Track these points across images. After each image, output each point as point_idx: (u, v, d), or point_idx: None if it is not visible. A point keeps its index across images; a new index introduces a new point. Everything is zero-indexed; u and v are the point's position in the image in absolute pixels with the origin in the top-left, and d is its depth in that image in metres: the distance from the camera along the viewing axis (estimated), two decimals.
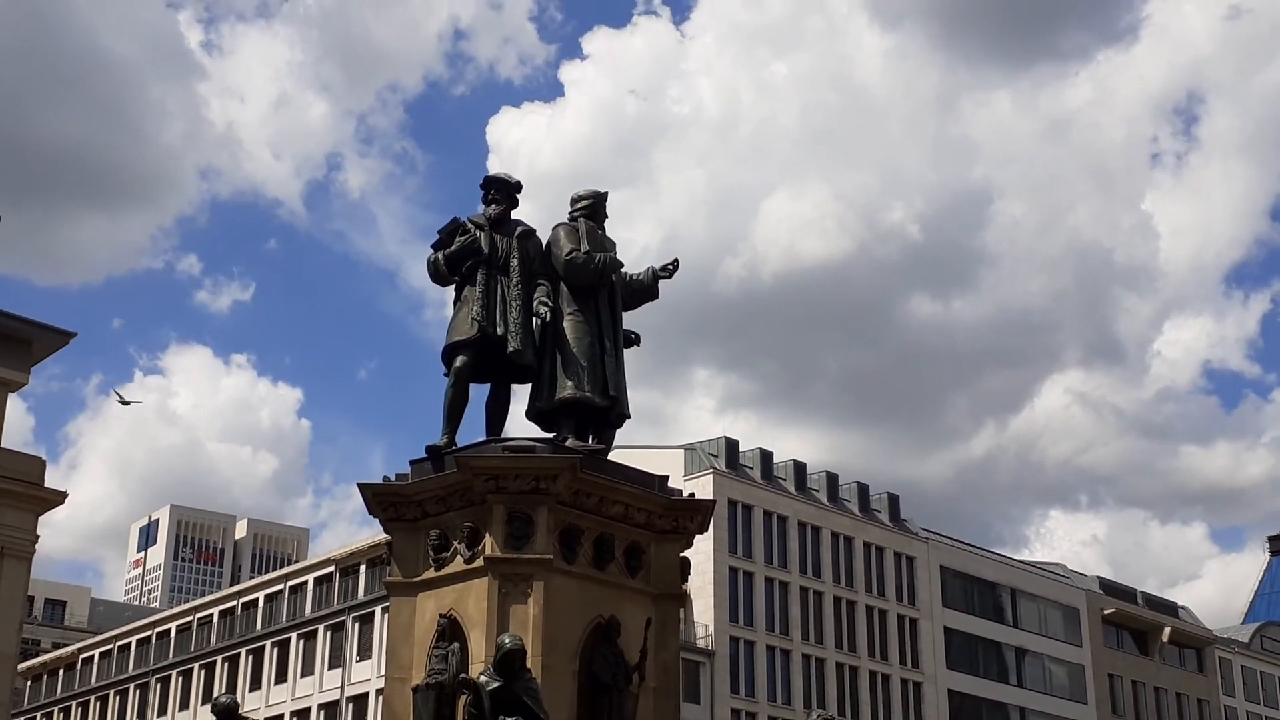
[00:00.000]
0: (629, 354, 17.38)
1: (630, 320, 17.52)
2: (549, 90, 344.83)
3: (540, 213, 17.50)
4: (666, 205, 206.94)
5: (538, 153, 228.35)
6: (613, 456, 17.03)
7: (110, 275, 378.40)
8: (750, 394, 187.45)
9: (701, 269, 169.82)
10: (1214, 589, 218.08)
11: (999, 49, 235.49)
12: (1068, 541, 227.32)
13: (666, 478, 17.14)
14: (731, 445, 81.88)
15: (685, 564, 16.68)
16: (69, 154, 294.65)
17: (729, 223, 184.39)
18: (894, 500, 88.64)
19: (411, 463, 16.32)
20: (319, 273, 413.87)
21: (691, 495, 17.21)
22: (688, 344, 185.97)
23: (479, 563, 15.25)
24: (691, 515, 16.57)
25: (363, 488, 16.24)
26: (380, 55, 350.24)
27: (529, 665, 13.94)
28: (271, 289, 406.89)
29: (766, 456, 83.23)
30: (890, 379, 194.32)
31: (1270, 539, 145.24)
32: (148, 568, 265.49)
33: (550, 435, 16.37)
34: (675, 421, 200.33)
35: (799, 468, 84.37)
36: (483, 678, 13.55)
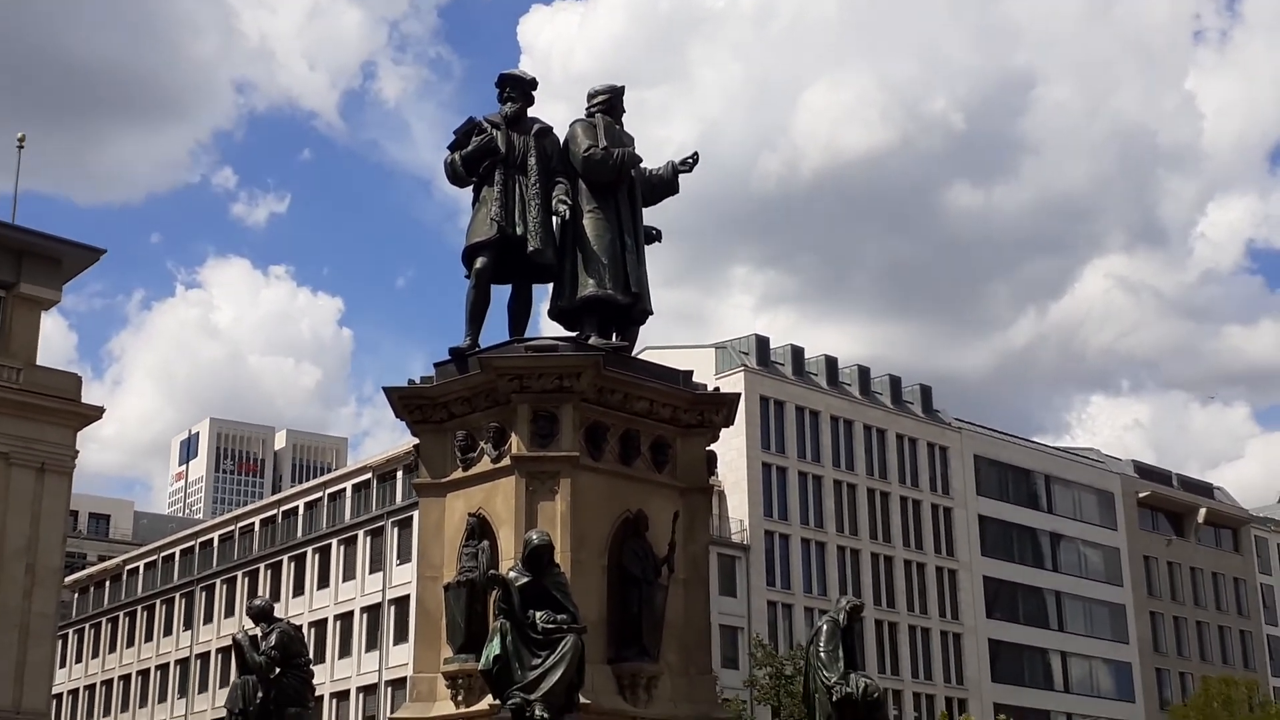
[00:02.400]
0: (653, 250, 17.29)
1: (654, 216, 17.40)
2: None
3: (575, 114, 17.25)
4: (702, 101, 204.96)
5: (570, 53, 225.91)
6: (645, 357, 17.02)
7: (151, 192, 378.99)
8: (789, 290, 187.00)
9: (740, 165, 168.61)
10: (1257, 469, 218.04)
11: None
12: (1109, 427, 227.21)
13: (691, 372, 17.15)
14: (762, 342, 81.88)
15: (712, 457, 16.74)
16: (103, 72, 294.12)
17: (767, 117, 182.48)
18: (926, 391, 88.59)
19: (436, 365, 16.38)
20: (354, 183, 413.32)
21: (716, 389, 17.22)
22: (726, 242, 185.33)
23: (506, 462, 15.36)
24: (717, 409, 16.59)
25: (388, 391, 16.33)
26: None
27: (558, 560, 14.07)
28: (307, 200, 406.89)
29: (798, 352, 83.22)
30: (931, 270, 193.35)
31: None
32: (190, 481, 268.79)
33: (573, 334, 16.36)
34: (714, 320, 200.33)
35: (830, 362, 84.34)
36: (512, 573, 13.68)
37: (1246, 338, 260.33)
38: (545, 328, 17.43)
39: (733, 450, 73.32)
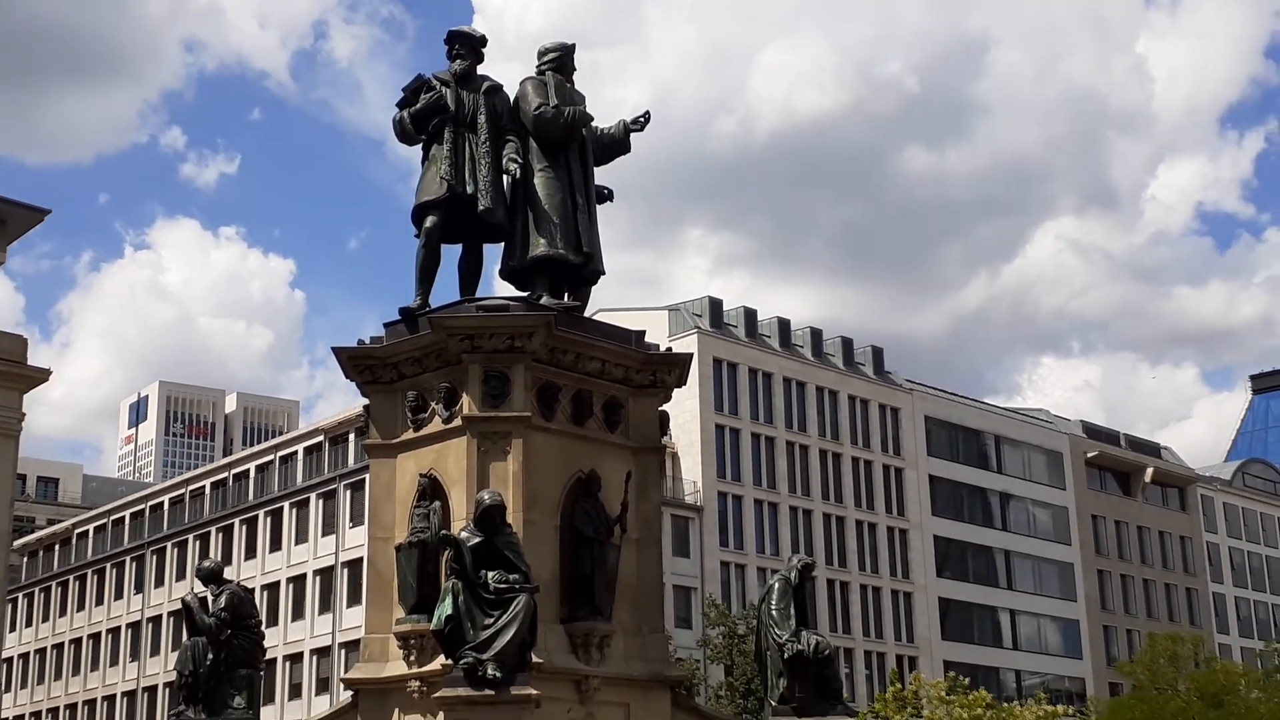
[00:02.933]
0: (608, 212, 17.24)
1: (607, 176, 17.33)
2: None
3: (529, 74, 17.08)
4: (658, 63, 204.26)
5: (524, 13, 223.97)
6: (598, 318, 16.99)
7: (100, 153, 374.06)
8: (744, 252, 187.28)
9: (695, 128, 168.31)
10: (1205, 429, 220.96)
11: None
12: (1060, 388, 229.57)
13: (644, 333, 17.12)
14: (715, 304, 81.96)
15: (664, 418, 16.76)
16: (51, 32, 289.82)
17: (722, 79, 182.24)
18: (878, 353, 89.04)
19: (386, 325, 16.28)
20: (305, 143, 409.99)
21: (669, 350, 17.20)
22: (681, 204, 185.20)
23: (457, 422, 15.32)
24: (669, 369, 16.59)
25: (337, 351, 16.22)
26: None
27: (510, 520, 14.06)
28: (258, 161, 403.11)
29: (750, 314, 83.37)
30: (884, 233, 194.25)
31: (1253, 377, 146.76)
32: (139, 444, 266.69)
33: (525, 294, 16.29)
34: (669, 282, 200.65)
35: (783, 324, 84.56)
36: (464, 534, 13.67)
37: (1196, 299, 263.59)
38: (496, 288, 17.38)
39: (686, 412, 73.45)
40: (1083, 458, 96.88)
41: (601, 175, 17.20)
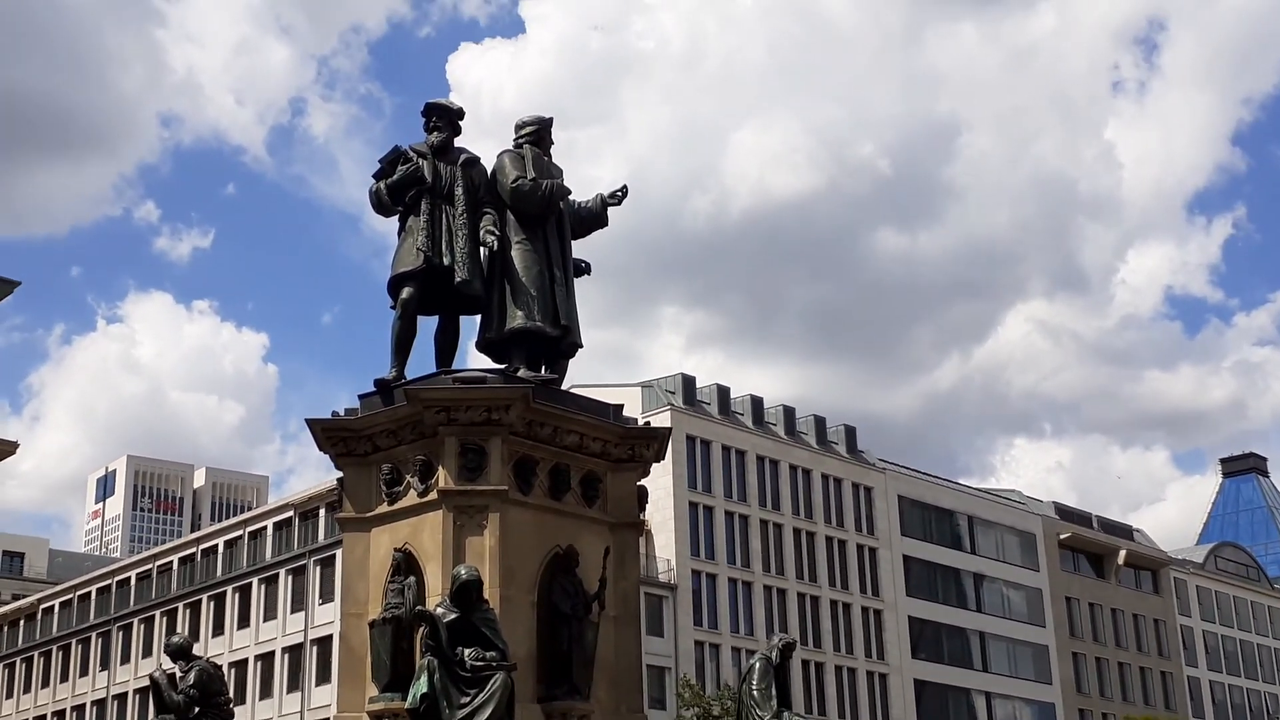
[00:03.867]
0: (584, 289, 17.12)
1: (584, 250, 17.26)
2: (511, 27, 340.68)
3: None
4: (633, 142, 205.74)
5: (500, 91, 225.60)
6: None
7: (75, 225, 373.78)
8: (717, 330, 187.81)
9: (669, 206, 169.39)
10: (1176, 511, 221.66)
11: None
12: (1033, 469, 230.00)
13: (621, 406, 16.96)
14: (689, 381, 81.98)
15: (643, 492, 16.55)
16: (27, 104, 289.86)
17: (697, 158, 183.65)
18: (851, 432, 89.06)
19: (360, 397, 16.08)
20: (280, 218, 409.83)
21: (646, 423, 17.05)
22: (655, 282, 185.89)
23: (432, 495, 15.09)
24: (648, 443, 16.43)
25: (311, 424, 16.00)
26: None
27: (486, 596, 13.81)
28: (232, 235, 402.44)
29: (724, 392, 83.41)
30: (856, 313, 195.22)
31: (1223, 461, 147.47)
32: (107, 518, 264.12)
33: (501, 366, 16.14)
34: (644, 359, 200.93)
35: (756, 402, 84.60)
36: (439, 610, 13.41)
37: (1166, 382, 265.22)
38: (473, 360, 17.21)
39: (659, 489, 73.17)
40: (1055, 539, 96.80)
41: (579, 248, 17.14)
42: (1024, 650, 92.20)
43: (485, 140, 16.88)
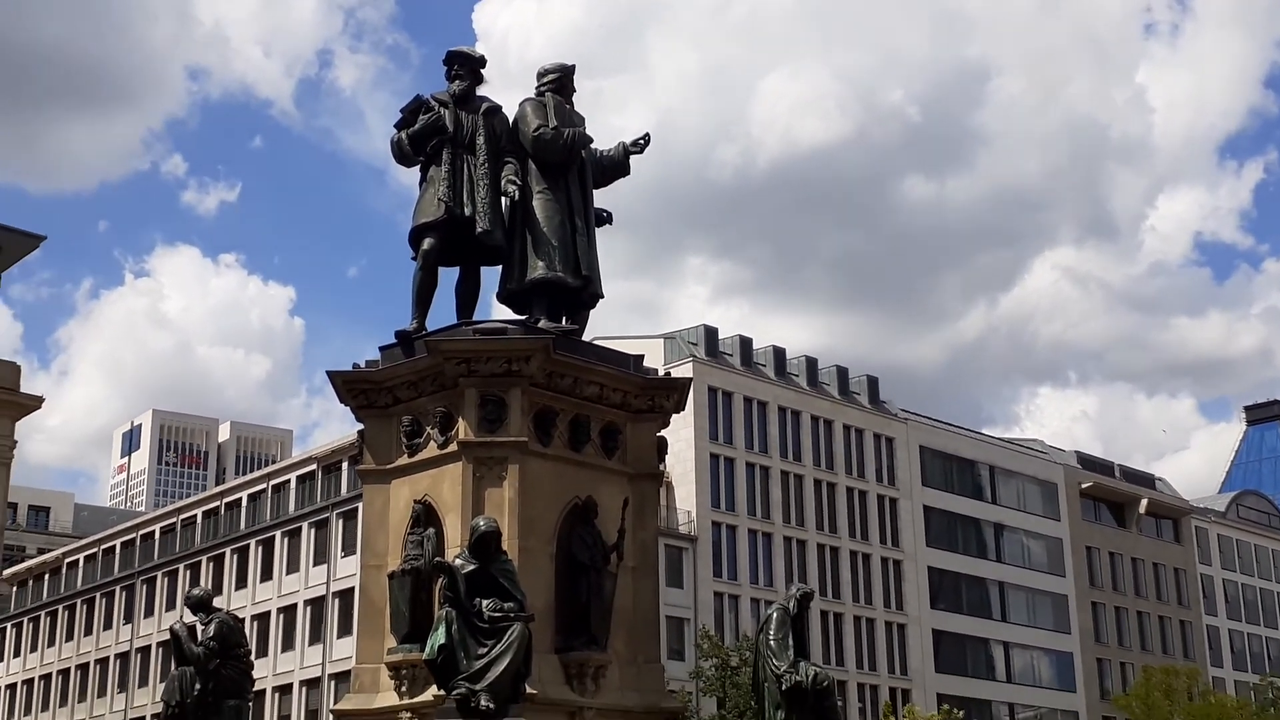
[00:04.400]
0: (609, 240, 17.13)
1: (608, 199, 17.12)
2: None
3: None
4: (660, 90, 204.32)
5: (527, 41, 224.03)
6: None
7: (104, 180, 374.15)
8: (743, 281, 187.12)
9: (696, 155, 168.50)
10: (1201, 460, 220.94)
11: None
12: (1057, 418, 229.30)
13: (642, 357, 16.91)
14: (711, 333, 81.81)
15: (662, 443, 16.51)
16: (57, 59, 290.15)
17: (724, 107, 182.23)
18: (873, 383, 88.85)
19: (381, 349, 16.05)
20: (307, 171, 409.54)
21: (667, 374, 16.98)
22: (681, 232, 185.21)
23: (453, 447, 15.07)
24: (668, 394, 16.36)
25: (332, 375, 15.98)
26: None
27: (505, 548, 13.80)
28: (258, 189, 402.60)
29: (746, 343, 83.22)
30: (882, 262, 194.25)
31: (1247, 409, 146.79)
32: (132, 473, 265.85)
33: (522, 317, 16.07)
34: (670, 310, 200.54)
35: (778, 353, 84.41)
36: (458, 561, 13.40)
37: (1194, 329, 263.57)
38: (494, 311, 17.14)
39: (680, 441, 73.19)
40: (1077, 489, 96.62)
41: (601, 198, 17.00)
42: (1043, 600, 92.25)
43: (512, 90, 16.71)
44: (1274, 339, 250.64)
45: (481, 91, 16.64)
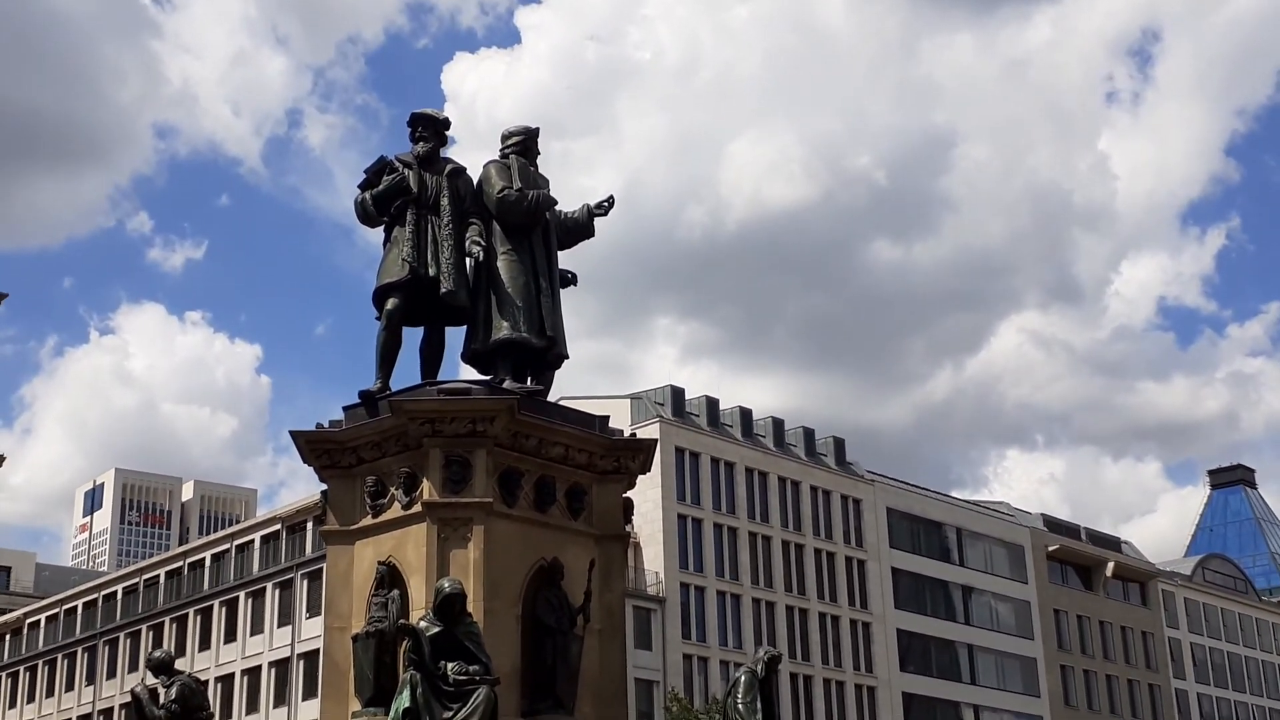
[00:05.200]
0: (578, 300, 17.15)
1: (576, 262, 17.23)
2: (506, 37, 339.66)
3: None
4: (628, 153, 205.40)
5: (496, 102, 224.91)
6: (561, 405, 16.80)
7: (70, 237, 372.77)
8: (712, 341, 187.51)
9: (665, 217, 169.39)
10: (1168, 523, 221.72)
11: None
12: (1025, 481, 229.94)
13: (607, 418, 16.90)
14: (677, 393, 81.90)
15: (628, 505, 16.48)
16: (25, 116, 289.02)
17: (692, 169, 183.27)
18: (840, 443, 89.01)
19: (345, 409, 15.99)
20: (274, 230, 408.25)
21: (633, 435, 16.99)
22: (649, 293, 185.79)
23: (417, 508, 15.00)
24: (633, 455, 16.35)
25: (295, 435, 15.90)
26: (339, 7, 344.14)
27: (470, 610, 13.71)
28: (225, 246, 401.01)
29: (713, 404, 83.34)
30: (850, 324, 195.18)
31: (1211, 473, 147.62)
32: (94, 532, 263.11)
33: (487, 378, 16.08)
34: (637, 371, 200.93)
35: (745, 414, 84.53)
36: (423, 623, 13.31)
37: (1159, 393, 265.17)
38: (459, 371, 17.14)
39: (648, 502, 73.05)
40: (1044, 551, 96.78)
41: (569, 258, 17.11)
42: (1012, 663, 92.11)
43: (480, 150, 16.84)
44: (1238, 403, 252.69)
45: (449, 151, 16.80)
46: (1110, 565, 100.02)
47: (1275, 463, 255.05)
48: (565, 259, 17.03)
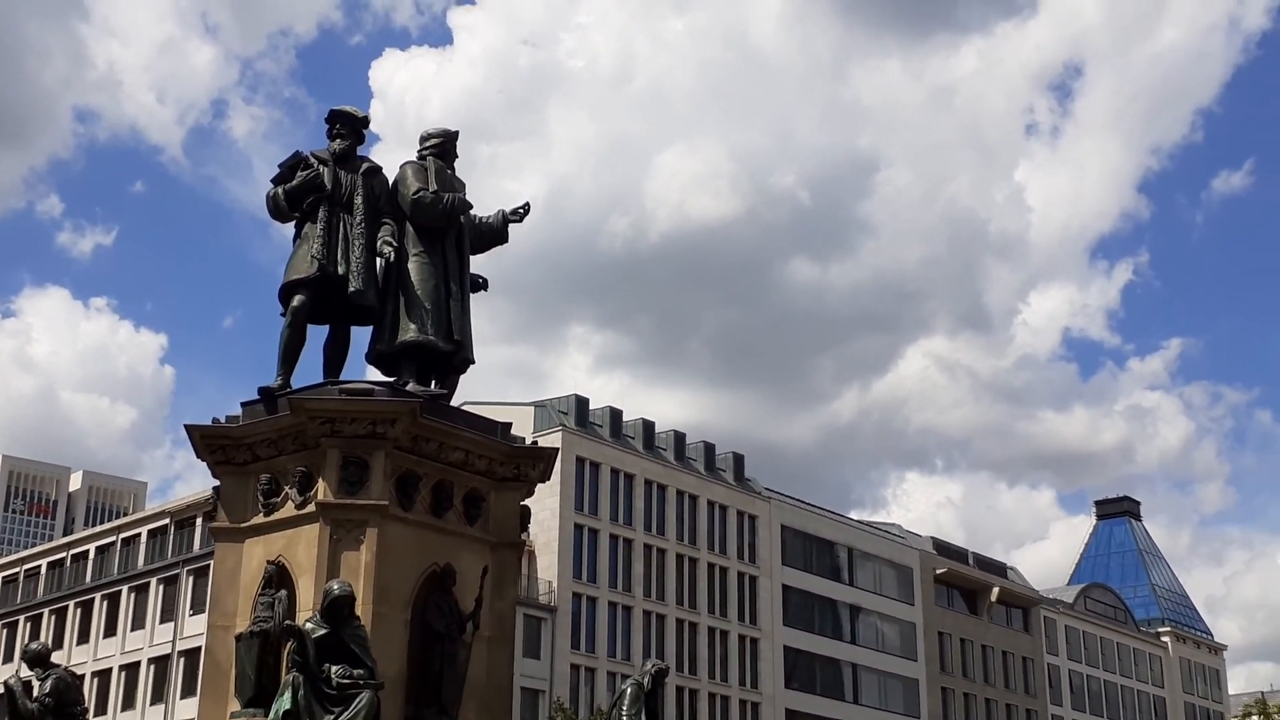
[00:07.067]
0: (492, 298, 17.11)
1: (491, 266, 17.15)
2: (439, 36, 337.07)
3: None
4: (556, 159, 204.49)
5: (425, 101, 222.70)
6: (465, 409, 16.70)
7: None
8: (625, 352, 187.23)
9: (588, 225, 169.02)
10: (1058, 551, 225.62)
11: (898, 16, 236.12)
12: (923, 503, 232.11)
13: (510, 425, 16.83)
14: (582, 403, 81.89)
15: (526, 512, 16.40)
16: None
17: (619, 179, 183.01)
18: (739, 460, 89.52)
19: (243, 404, 15.77)
20: (188, 219, 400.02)
21: (534, 443, 16.94)
22: (567, 300, 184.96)
23: (310, 508, 14.82)
24: (534, 463, 16.28)
25: (190, 429, 15.65)
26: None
27: (359, 613, 13.58)
28: (136, 233, 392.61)
29: (616, 415, 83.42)
30: (762, 341, 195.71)
31: (1097, 503, 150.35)
32: None
33: (391, 379, 15.95)
34: (550, 378, 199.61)
35: (648, 426, 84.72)
36: (309, 625, 13.15)
37: (1058, 423, 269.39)
38: (363, 372, 16.97)
39: (545, 510, 72.86)
40: (932, 574, 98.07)
41: (483, 264, 17.03)
42: (894, 684, 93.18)
43: (408, 149, 16.68)
44: (1135, 436, 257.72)
45: (374, 147, 16.67)
46: (995, 590, 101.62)
47: (1166, 496, 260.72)
48: (480, 264, 16.98)
